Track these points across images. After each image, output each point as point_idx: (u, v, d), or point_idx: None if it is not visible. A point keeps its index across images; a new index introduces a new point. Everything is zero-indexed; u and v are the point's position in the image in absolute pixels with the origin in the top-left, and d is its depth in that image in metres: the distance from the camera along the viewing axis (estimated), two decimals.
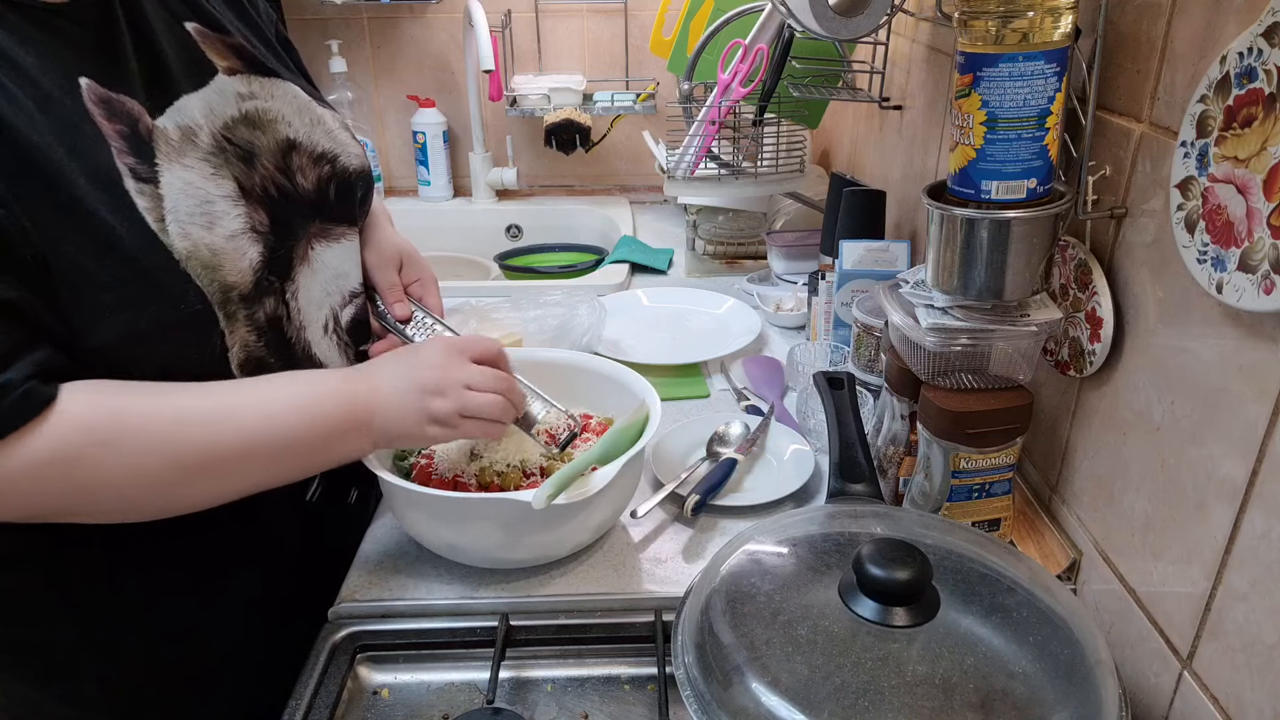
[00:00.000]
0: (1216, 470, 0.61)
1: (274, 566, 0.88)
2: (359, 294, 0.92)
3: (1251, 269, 0.55)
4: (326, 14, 1.92)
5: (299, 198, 0.83)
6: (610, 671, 0.80)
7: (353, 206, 0.90)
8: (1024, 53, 0.68)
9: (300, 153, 0.84)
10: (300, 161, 0.84)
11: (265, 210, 0.79)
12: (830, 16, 1.04)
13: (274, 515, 0.85)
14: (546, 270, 1.82)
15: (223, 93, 0.78)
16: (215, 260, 0.73)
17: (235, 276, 0.74)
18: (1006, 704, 0.54)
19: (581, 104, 1.94)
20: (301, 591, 0.87)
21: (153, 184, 0.70)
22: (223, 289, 0.73)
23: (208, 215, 0.73)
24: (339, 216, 0.88)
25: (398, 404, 0.77)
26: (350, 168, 0.89)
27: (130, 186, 0.69)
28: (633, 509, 0.91)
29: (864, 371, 1.06)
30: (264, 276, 0.78)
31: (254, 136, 0.80)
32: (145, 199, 0.69)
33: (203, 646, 0.84)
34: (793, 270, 1.50)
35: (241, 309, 0.76)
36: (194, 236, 0.72)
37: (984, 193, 0.73)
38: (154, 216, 0.69)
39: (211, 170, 0.75)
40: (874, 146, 1.56)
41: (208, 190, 0.74)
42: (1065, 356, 0.81)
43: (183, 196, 0.72)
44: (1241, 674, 0.58)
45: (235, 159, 0.77)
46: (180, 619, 0.82)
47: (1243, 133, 0.56)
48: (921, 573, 0.58)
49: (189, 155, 0.74)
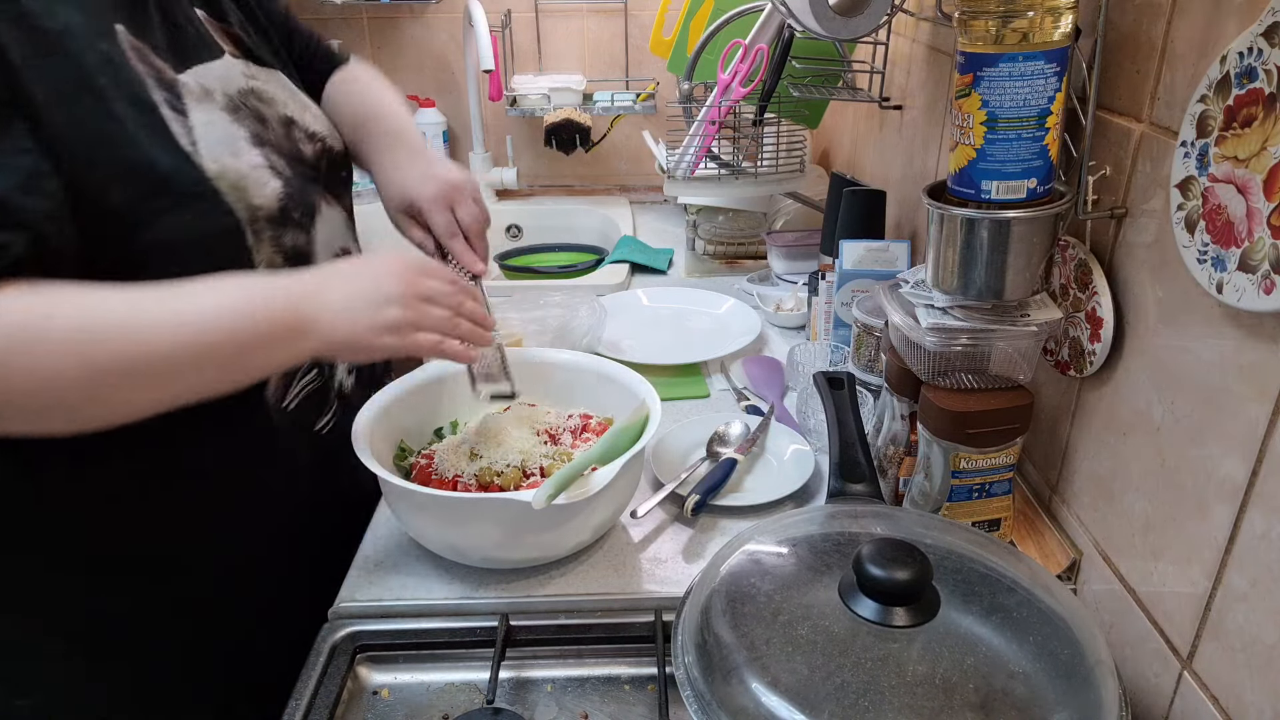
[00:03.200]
0: (1216, 470, 0.61)
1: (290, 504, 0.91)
2: (342, 255, 0.94)
3: (1251, 269, 0.55)
4: (326, 14, 1.92)
5: (303, 160, 0.89)
6: (610, 671, 0.80)
7: (339, 182, 0.97)
8: (1024, 53, 0.68)
9: (299, 128, 0.90)
10: (299, 134, 0.90)
11: (281, 158, 0.84)
12: (830, 16, 1.04)
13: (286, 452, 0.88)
14: (546, 270, 1.82)
15: (230, 69, 0.85)
16: (242, 183, 0.78)
17: (260, 200, 0.79)
18: (1006, 704, 0.54)
19: (581, 104, 1.94)
20: (303, 585, 0.87)
21: (184, 116, 0.76)
22: (250, 209, 0.78)
23: (232, 147, 0.79)
24: (330, 186, 0.93)
25: (346, 310, 0.74)
26: (337, 149, 0.96)
27: (166, 114, 0.74)
28: (633, 509, 0.91)
29: (864, 371, 1.06)
30: (289, 207, 0.83)
31: (261, 107, 0.86)
32: (178, 125, 0.75)
33: (202, 645, 0.84)
34: (793, 270, 1.50)
35: (268, 230, 0.80)
36: (222, 161, 0.77)
37: (984, 193, 0.73)
38: (187, 140, 0.75)
39: (230, 119, 0.81)
40: (874, 146, 1.56)
41: (231, 131, 0.80)
42: (1065, 356, 0.81)
43: (210, 129, 0.77)
44: (1241, 674, 0.58)
45: (249, 118, 0.83)
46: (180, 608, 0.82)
47: (1243, 133, 0.56)
48: (921, 573, 0.58)
49: (209, 106, 0.79)
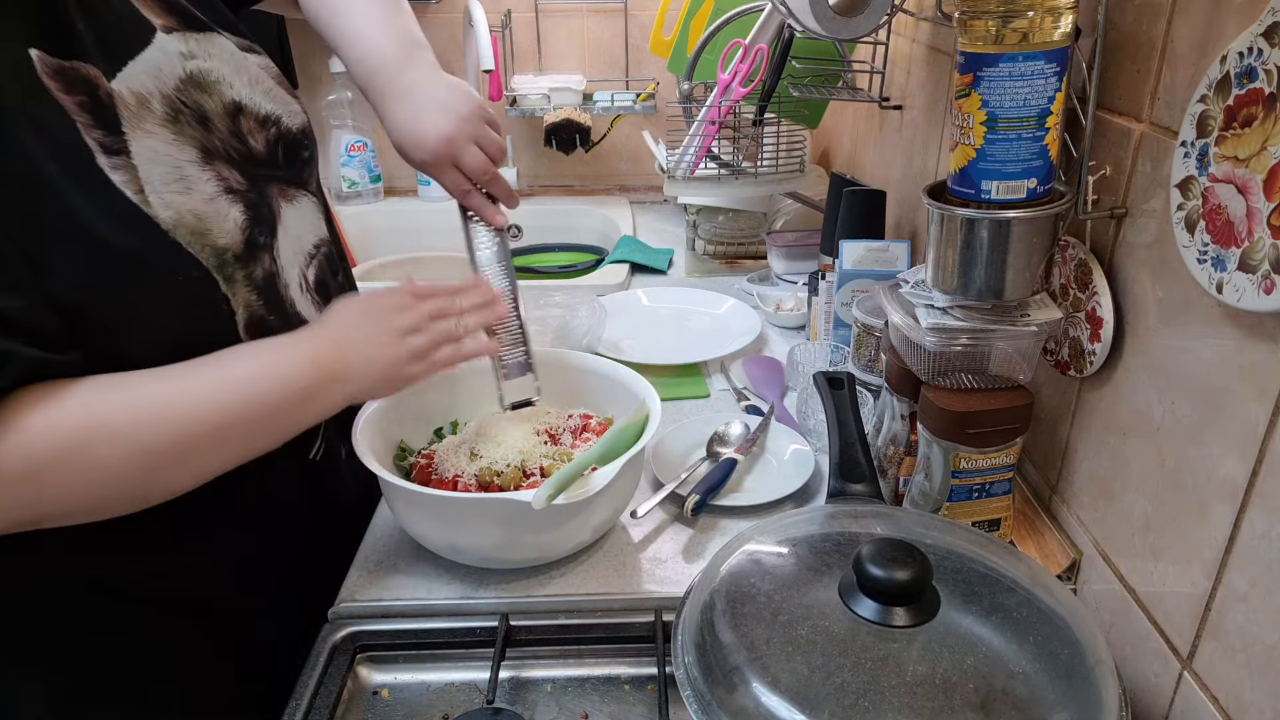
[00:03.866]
0: (1217, 470, 0.61)
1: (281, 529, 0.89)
2: (317, 251, 0.90)
3: (1251, 269, 0.55)
4: None
5: (255, 159, 0.81)
6: (610, 671, 0.80)
7: (300, 168, 0.88)
8: (1024, 53, 0.68)
9: (247, 116, 0.81)
10: (249, 125, 0.81)
11: (233, 169, 0.77)
12: (830, 16, 1.04)
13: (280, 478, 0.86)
14: (546, 270, 1.82)
15: (165, 52, 0.75)
16: (201, 225, 0.72)
17: (225, 239, 0.74)
18: (1006, 704, 0.54)
19: (581, 104, 1.94)
20: (303, 585, 0.87)
21: (124, 155, 0.68)
22: (216, 253, 0.73)
23: (182, 181, 0.72)
24: (289, 178, 0.86)
25: (371, 356, 0.75)
26: (293, 128, 0.87)
27: (103, 163, 0.67)
28: (633, 509, 0.91)
29: (864, 371, 1.06)
30: (253, 235, 0.77)
31: (203, 100, 0.77)
32: (120, 173, 0.67)
33: (202, 644, 0.84)
34: (793, 270, 1.50)
35: (239, 270, 0.75)
36: (175, 204, 0.70)
37: (984, 193, 0.73)
38: (133, 189, 0.68)
39: (172, 136, 0.73)
40: (874, 146, 1.56)
41: (174, 156, 0.72)
42: (1065, 356, 0.81)
43: (154, 165, 0.70)
44: (1242, 674, 0.58)
45: (192, 122, 0.75)
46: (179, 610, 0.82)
47: (1243, 132, 0.56)
48: (921, 573, 0.58)
49: (148, 121, 0.71)
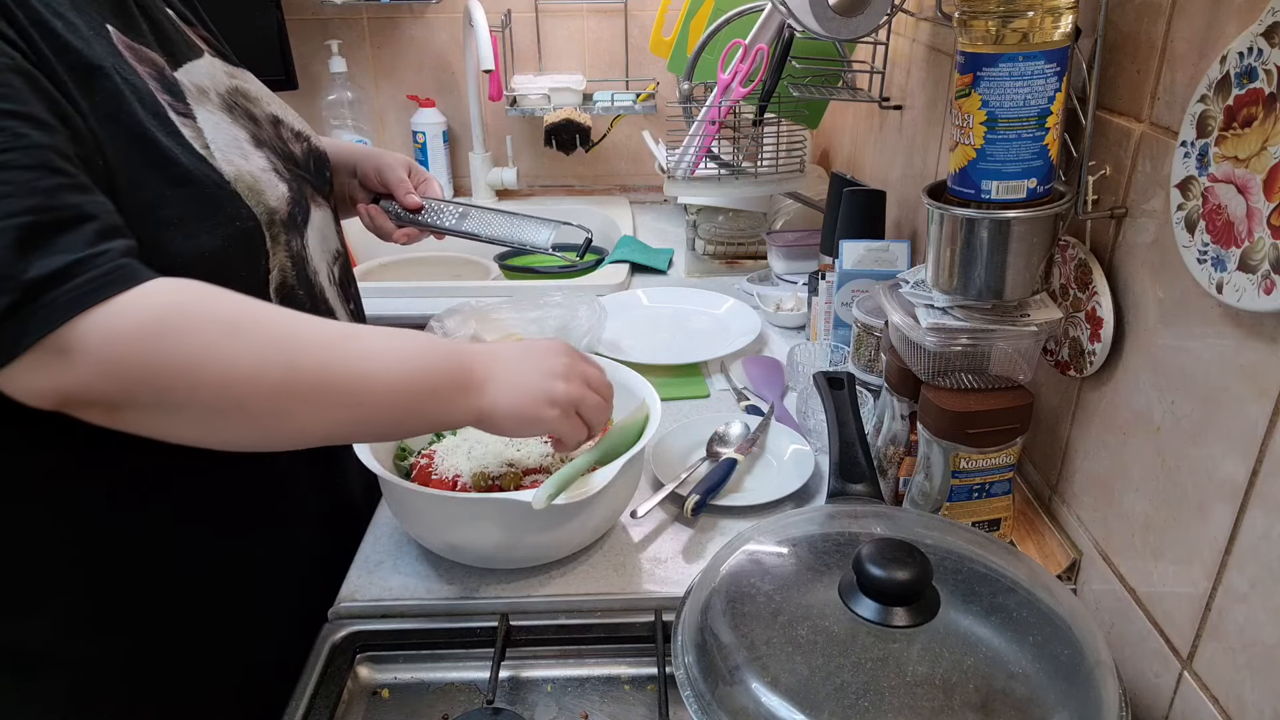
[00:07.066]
0: (1217, 470, 0.61)
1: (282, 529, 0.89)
2: (337, 259, 0.96)
3: (1251, 269, 0.55)
4: (326, 14, 1.92)
5: (295, 160, 0.89)
6: (610, 671, 0.80)
7: (325, 181, 0.97)
8: (1024, 53, 0.68)
9: (285, 127, 0.90)
10: (287, 134, 0.90)
11: (278, 159, 0.85)
12: (830, 16, 1.04)
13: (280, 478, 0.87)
14: (546, 270, 1.82)
15: (213, 67, 0.84)
16: (257, 185, 0.78)
17: (275, 202, 0.80)
18: (1007, 704, 0.54)
19: (581, 104, 1.94)
20: (303, 585, 0.87)
21: (191, 119, 0.75)
22: (267, 211, 0.79)
23: (240, 149, 0.79)
24: (318, 186, 0.94)
25: (518, 380, 0.74)
26: (320, 148, 0.97)
27: (175, 119, 0.73)
28: (633, 509, 0.91)
29: (864, 371, 1.06)
30: (294, 211, 0.84)
31: (250, 106, 0.86)
32: (188, 129, 0.74)
33: (201, 645, 0.84)
34: (793, 270, 1.50)
35: (282, 233, 0.81)
36: (236, 163, 0.77)
37: (984, 193, 0.73)
38: (199, 144, 0.74)
39: (229, 120, 0.80)
40: (874, 146, 1.56)
41: (233, 132, 0.80)
42: (1065, 356, 0.81)
43: (217, 131, 0.77)
44: (1242, 674, 0.58)
45: (243, 117, 0.83)
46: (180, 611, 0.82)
47: (1243, 132, 0.56)
48: (921, 573, 0.58)
49: (207, 105, 0.79)
